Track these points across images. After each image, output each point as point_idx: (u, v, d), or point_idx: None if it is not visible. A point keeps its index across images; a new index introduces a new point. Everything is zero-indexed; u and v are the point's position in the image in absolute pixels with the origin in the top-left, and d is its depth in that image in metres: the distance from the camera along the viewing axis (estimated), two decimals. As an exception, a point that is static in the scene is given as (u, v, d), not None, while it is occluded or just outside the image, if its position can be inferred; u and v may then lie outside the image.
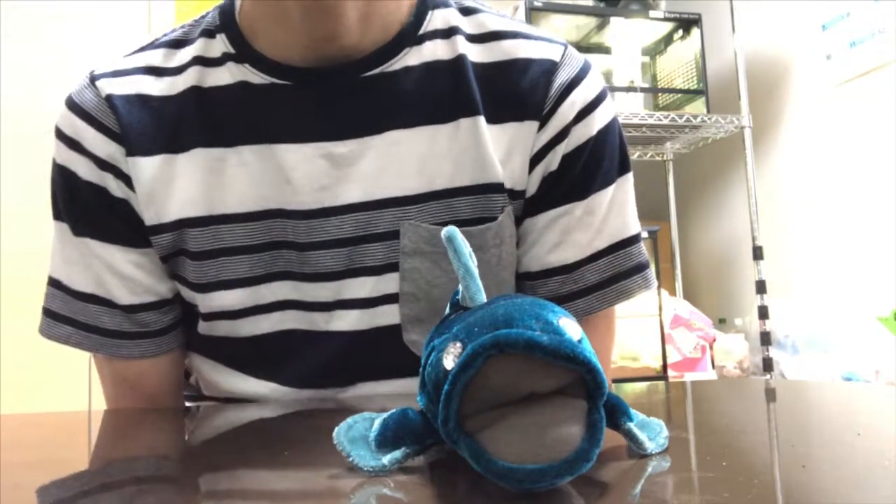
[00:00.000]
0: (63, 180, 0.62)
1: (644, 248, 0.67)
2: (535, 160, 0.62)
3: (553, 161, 0.62)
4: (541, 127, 0.61)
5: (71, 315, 0.64)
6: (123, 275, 0.62)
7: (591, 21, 2.22)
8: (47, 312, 0.65)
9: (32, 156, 1.71)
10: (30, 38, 1.75)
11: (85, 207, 0.62)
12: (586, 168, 0.62)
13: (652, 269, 0.67)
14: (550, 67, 0.61)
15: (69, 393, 1.66)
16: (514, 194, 0.62)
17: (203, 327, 0.65)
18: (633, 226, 0.66)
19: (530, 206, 0.63)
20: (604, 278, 0.64)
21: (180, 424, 0.61)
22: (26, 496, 0.34)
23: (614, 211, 0.64)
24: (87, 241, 0.62)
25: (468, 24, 0.63)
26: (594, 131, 0.62)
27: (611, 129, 0.64)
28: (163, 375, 0.68)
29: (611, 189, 0.64)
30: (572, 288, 0.64)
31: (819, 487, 0.32)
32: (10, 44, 1.74)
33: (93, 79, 0.62)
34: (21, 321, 1.63)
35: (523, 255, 0.65)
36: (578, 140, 0.61)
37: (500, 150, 0.60)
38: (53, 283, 0.65)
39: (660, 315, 2.01)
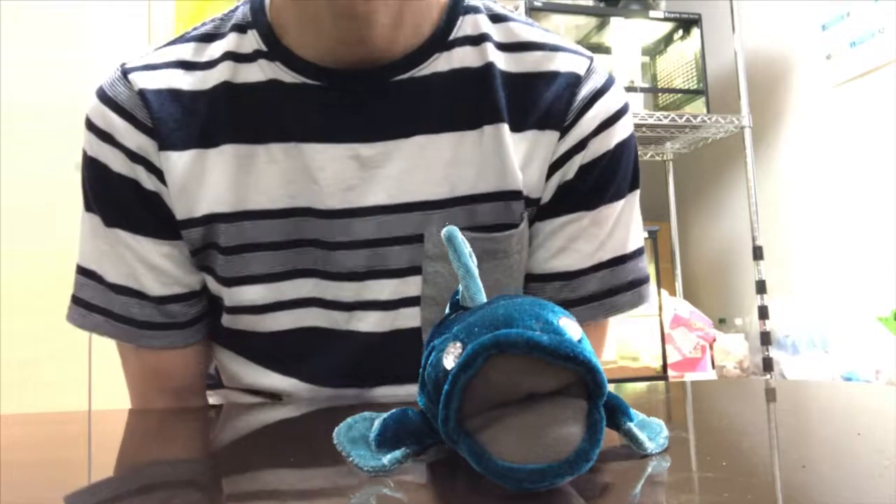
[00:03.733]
0: (94, 172, 0.62)
1: (645, 264, 0.67)
2: (553, 168, 0.62)
3: (570, 170, 0.62)
4: (561, 137, 0.61)
5: (104, 305, 0.64)
6: (154, 266, 0.62)
7: (591, 21, 2.21)
8: (78, 301, 0.65)
9: (33, 156, 1.72)
10: (30, 38, 1.75)
11: (116, 199, 0.62)
12: (600, 180, 0.63)
13: (649, 285, 0.67)
14: (575, 80, 0.62)
15: (69, 393, 1.66)
16: (530, 201, 0.62)
17: (227, 320, 0.65)
18: (635, 241, 0.67)
19: (541, 211, 0.64)
20: (600, 290, 0.65)
21: (183, 425, 0.61)
22: (26, 496, 0.34)
23: (621, 225, 0.65)
24: (118, 233, 0.62)
25: (498, 32, 0.63)
26: (612, 144, 0.63)
27: (628, 145, 0.64)
28: (189, 367, 0.68)
29: (620, 203, 0.64)
30: (569, 296, 0.64)
31: (819, 487, 0.32)
32: (10, 44, 1.74)
33: (125, 72, 0.62)
34: (21, 321, 1.64)
35: (527, 258, 0.65)
36: (596, 152, 0.62)
37: (519, 156, 0.61)
38: (85, 273, 0.65)
39: (660, 315, 2.01)
